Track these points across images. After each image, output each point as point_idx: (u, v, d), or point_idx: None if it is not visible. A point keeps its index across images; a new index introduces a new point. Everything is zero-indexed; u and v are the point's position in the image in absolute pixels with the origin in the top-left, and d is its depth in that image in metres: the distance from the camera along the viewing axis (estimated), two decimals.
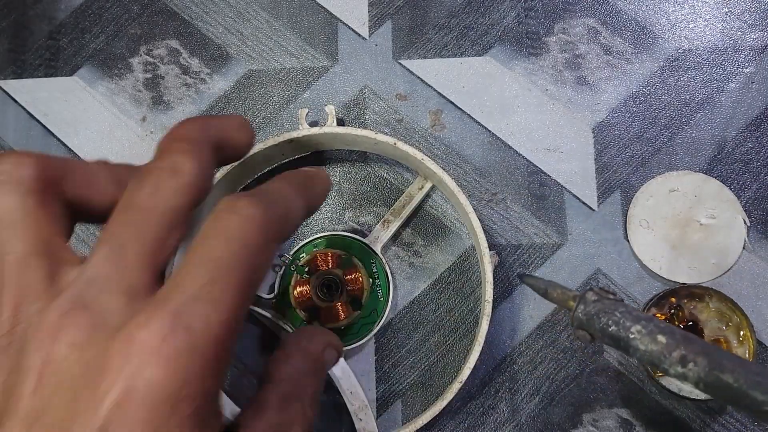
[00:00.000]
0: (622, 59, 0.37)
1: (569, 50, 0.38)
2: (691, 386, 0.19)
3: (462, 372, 0.31)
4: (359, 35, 0.38)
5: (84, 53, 0.38)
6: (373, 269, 0.34)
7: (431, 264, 0.35)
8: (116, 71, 0.38)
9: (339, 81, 0.38)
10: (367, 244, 0.34)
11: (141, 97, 0.38)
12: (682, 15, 0.38)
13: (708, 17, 0.38)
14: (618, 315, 0.21)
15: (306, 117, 0.34)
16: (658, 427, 0.33)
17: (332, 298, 0.33)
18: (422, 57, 0.38)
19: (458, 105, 0.37)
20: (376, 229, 0.34)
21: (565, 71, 0.37)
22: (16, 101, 0.38)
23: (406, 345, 0.34)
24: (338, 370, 0.33)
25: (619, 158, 0.36)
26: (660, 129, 0.36)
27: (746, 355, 0.32)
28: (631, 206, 0.35)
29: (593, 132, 0.37)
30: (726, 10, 0.38)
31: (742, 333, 0.33)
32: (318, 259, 0.33)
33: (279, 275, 0.34)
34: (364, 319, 0.33)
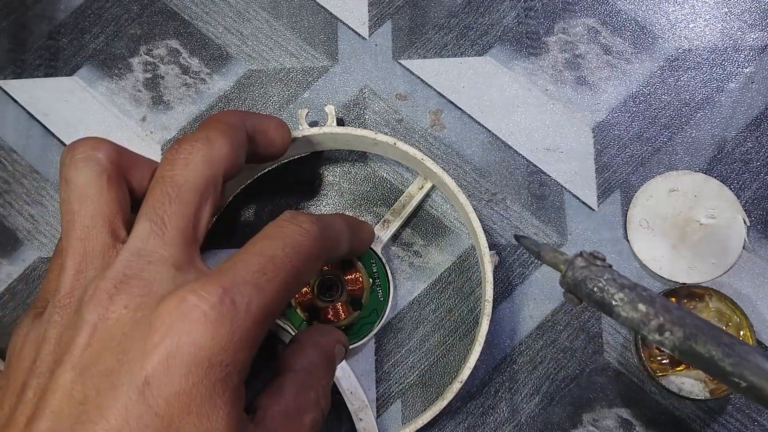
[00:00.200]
0: (622, 59, 0.37)
1: (569, 50, 0.38)
2: (669, 351, 0.20)
3: (462, 372, 0.31)
4: (359, 35, 0.38)
5: (84, 53, 0.38)
6: (374, 269, 0.34)
7: (431, 264, 0.35)
8: (116, 71, 0.38)
9: (339, 81, 0.38)
10: None
11: (141, 97, 0.38)
12: (682, 15, 0.38)
13: (708, 17, 0.38)
14: (603, 282, 0.22)
15: (306, 117, 0.34)
16: (658, 427, 0.33)
17: (332, 298, 0.33)
18: (422, 57, 0.38)
19: (458, 105, 0.37)
20: (376, 229, 0.34)
21: (565, 71, 0.37)
22: (16, 101, 0.38)
23: (406, 345, 0.34)
24: (338, 370, 0.33)
25: (619, 158, 0.36)
26: (660, 129, 0.36)
27: None
28: (631, 206, 0.35)
29: (593, 132, 0.37)
30: (726, 10, 0.38)
31: (742, 333, 0.33)
32: None
33: None
34: (364, 319, 0.33)
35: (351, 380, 0.33)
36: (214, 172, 0.22)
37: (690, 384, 0.32)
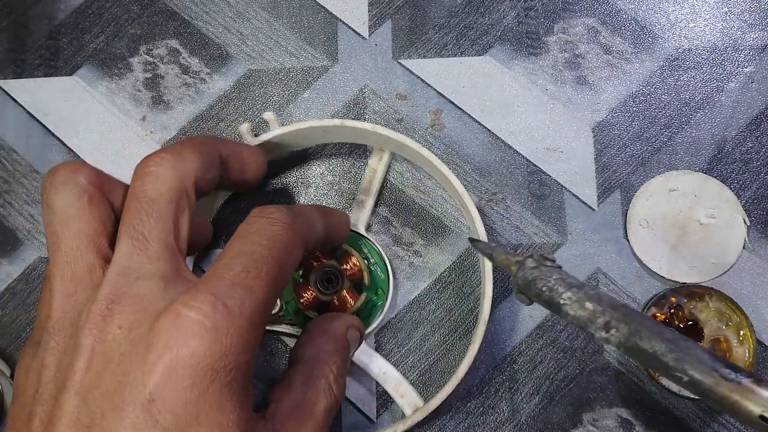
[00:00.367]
0: (622, 59, 0.37)
1: (569, 50, 0.38)
2: (614, 348, 0.20)
3: (469, 351, 0.31)
4: (359, 35, 0.38)
5: (84, 53, 0.38)
6: (364, 250, 0.34)
7: (431, 264, 0.35)
8: (116, 71, 0.38)
9: (339, 81, 0.38)
10: (351, 228, 0.34)
11: (141, 97, 0.38)
12: (682, 15, 0.38)
13: (708, 17, 0.38)
14: (552, 281, 0.22)
15: (250, 131, 0.33)
16: (658, 427, 0.33)
17: (336, 289, 0.33)
18: (422, 57, 0.38)
19: (458, 105, 0.37)
20: (354, 212, 0.35)
21: (565, 71, 0.37)
22: (16, 101, 0.38)
23: (406, 345, 0.34)
24: (365, 357, 0.33)
25: (619, 158, 0.36)
26: (660, 128, 0.36)
27: (746, 355, 0.32)
28: (631, 206, 0.35)
29: (593, 131, 0.37)
30: (726, 10, 0.38)
31: (742, 332, 0.33)
32: (308, 259, 0.34)
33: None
34: (372, 300, 0.34)
35: (379, 362, 0.33)
36: (185, 183, 0.22)
37: None
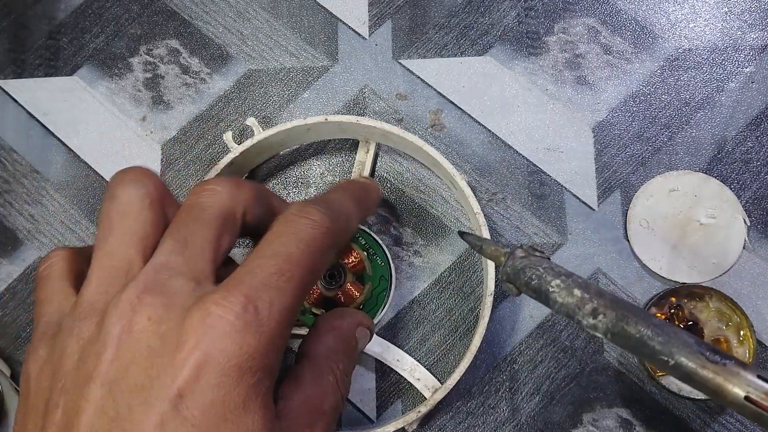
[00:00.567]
0: (622, 59, 0.37)
1: (569, 50, 0.38)
2: (601, 336, 0.21)
3: (473, 343, 0.31)
4: (359, 35, 0.38)
5: (84, 53, 0.38)
6: (362, 242, 0.34)
7: (431, 264, 0.35)
8: (116, 71, 0.38)
9: (339, 81, 0.38)
10: None
11: (141, 97, 0.38)
12: (682, 15, 0.38)
13: (708, 17, 0.38)
14: (541, 270, 0.22)
15: (232, 138, 0.34)
16: (658, 427, 0.33)
17: (339, 283, 0.33)
18: (422, 57, 0.38)
19: (458, 105, 0.37)
20: None
21: (565, 71, 0.37)
22: (16, 101, 0.38)
23: (406, 345, 0.34)
24: (377, 347, 0.33)
25: (619, 158, 0.36)
26: (660, 129, 0.36)
27: (746, 355, 0.32)
28: (631, 206, 0.35)
29: (593, 132, 0.37)
30: (726, 10, 0.38)
31: (742, 332, 0.33)
32: None
33: None
34: (377, 289, 0.34)
35: (392, 350, 0.34)
36: (236, 207, 0.23)
37: None
